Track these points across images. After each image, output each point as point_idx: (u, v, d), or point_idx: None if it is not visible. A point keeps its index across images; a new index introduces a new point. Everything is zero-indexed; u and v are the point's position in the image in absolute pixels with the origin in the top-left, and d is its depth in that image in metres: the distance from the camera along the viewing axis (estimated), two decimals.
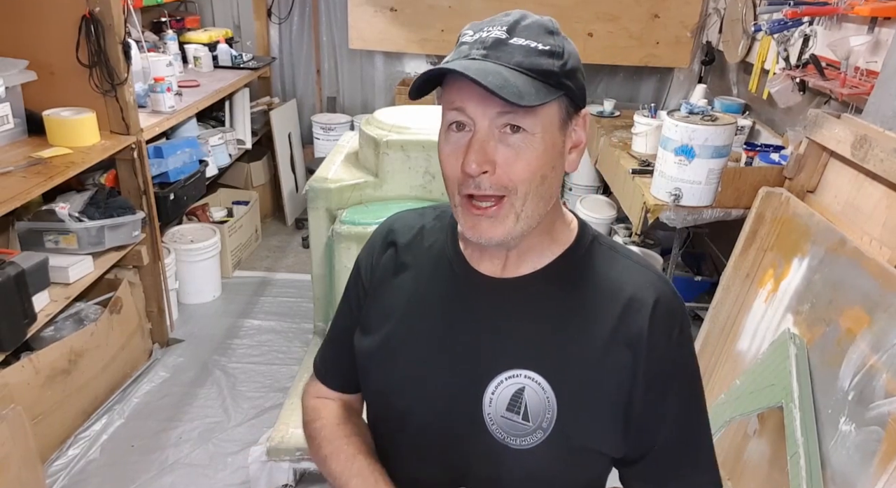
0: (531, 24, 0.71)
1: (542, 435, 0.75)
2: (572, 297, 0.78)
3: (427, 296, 0.84)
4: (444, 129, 0.73)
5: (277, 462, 2.00)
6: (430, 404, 0.81)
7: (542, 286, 0.79)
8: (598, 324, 0.76)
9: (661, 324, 0.76)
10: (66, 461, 2.15)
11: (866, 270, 1.67)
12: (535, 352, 0.77)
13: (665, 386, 0.77)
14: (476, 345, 0.79)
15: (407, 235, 0.90)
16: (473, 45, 0.71)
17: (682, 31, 3.69)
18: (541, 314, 0.78)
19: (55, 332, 2.25)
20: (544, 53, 0.70)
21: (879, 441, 1.47)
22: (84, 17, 2.22)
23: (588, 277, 0.79)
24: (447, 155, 0.73)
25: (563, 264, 0.80)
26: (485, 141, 0.69)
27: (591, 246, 0.81)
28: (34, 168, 2.04)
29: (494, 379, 0.77)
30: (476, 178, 0.70)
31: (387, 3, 3.72)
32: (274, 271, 3.50)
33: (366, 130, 2.35)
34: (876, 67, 2.00)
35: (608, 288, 0.78)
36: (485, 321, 0.79)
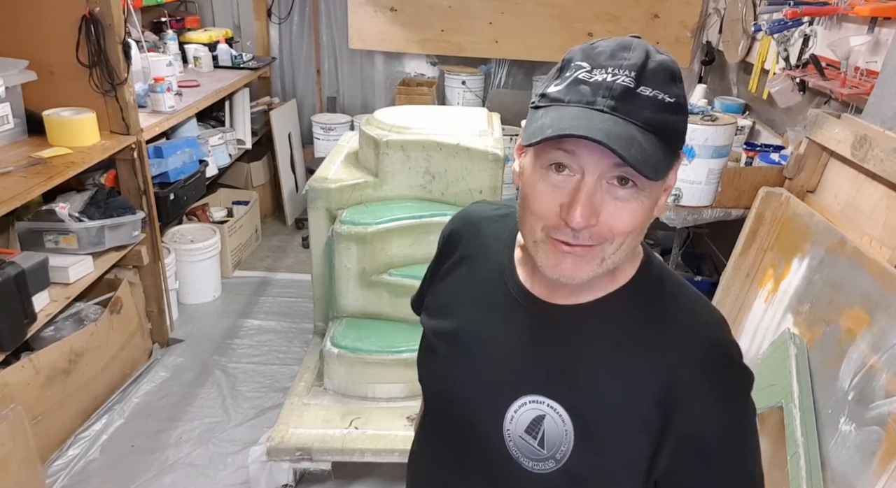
0: (658, 70, 0.65)
1: (555, 465, 0.74)
2: (615, 338, 0.74)
3: (474, 300, 0.84)
4: (540, 164, 0.67)
5: (277, 462, 2.00)
6: (462, 403, 0.82)
7: (587, 319, 0.75)
8: (635, 374, 0.72)
9: (704, 390, 0.71)
10: (66, 461, 2.15)
11: (866, 270, 1.67)
12: (563, 383, 0.75)
13: (703, 460, 0.72)
14: (508, 361, 0.78)
15: (471, 230, 0.89)
16: (597, 90, 0.64)
17: (682, 31, 3.69)
18: (577, 347, 0.75)
19: (55, 332, 2.24)
20: (670, 108, 0.65)
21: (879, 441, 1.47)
22: (84, 17, 2.22)
23: (638, 322, 0.74)
24: (541, 193, 0.67)
25: (614, 301, 0.75)
26: (593, 193, 0.65)
27: (651, 286, 0.76)
28: (34, 168, 2.04)
29: (519, 399, 0.75)
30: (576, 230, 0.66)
31: (387, 3, 3.72)
32: (274, 271, 3.50)
33: (366, 130, 2.35)
34: (876, 67, 2.00)
35: (656, 338, 0.73)
36: (521, 339, 0.78)
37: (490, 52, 3.87)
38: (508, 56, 3.90)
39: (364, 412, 2.11)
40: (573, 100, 0.65)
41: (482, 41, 3.79)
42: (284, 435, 2.00)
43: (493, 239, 0.86)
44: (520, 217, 0.72)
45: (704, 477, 0.73)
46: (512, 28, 3.71)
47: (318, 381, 2.23)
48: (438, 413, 0.89)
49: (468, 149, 2.23)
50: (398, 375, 2.15)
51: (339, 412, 2.11)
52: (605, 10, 3.64)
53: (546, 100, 0.68)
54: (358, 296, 2.25)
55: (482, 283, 0.83)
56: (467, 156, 2.23)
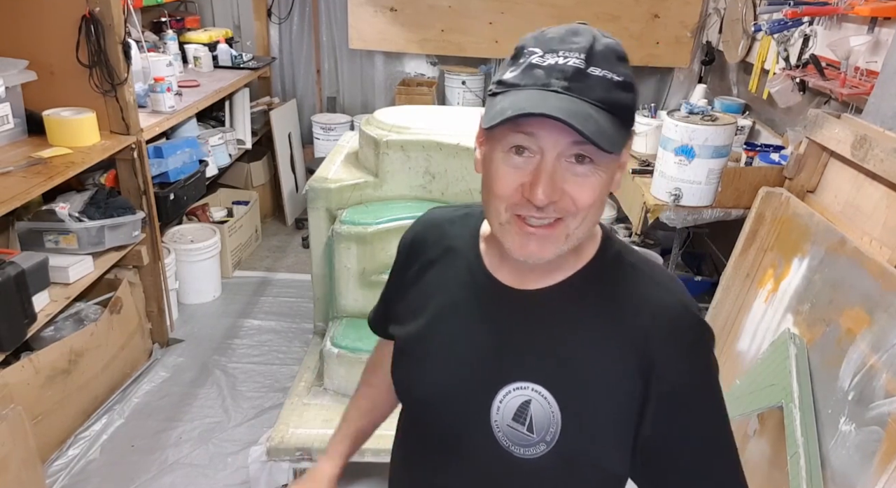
0: (606, 51, 0.69)
1: (546, 447, 0.76)
2: (587, 315, 0.77)
3: (447, 299, 0.85)
4: (501, 148, 0.70)
5: (277, 462, 2.00)
6: (444, 403, 0.83)
7: (558, 300, 0.78)
8: (611, 345, 0.75)
9: (677, 352, 0.75)
10: (66, 461, 2.15)
11: (866, 270, 1.67)
12: (544, 366, 0.77)
13: (679, 413, 0.75)
14: (488, 353, 0.79)
15: (434, 233, 0.91)
16: (551, 72, 0.67)
17: (682, 31, 3.69)
18: (553, 329, 0.78)
19: (55, 332, 2.24)
20: (620, 86, 0.68)
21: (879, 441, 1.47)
22: (84, 17, 2.22)
23: (605, 296, 0.78)
24: (503, 175, 0.70)
25: (581, 279, 0.78)
26: (553, 171, 0.68)
27: (613, 261, 0.80)
28: (34, 168, 2.05)
29: (503, 388, 0.77)
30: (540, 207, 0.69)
31: (387, 2, 3.72)
32: (274, 271, 3.50)
33: (366, 130, 2.35)
34: (876, 67, 2.00)
35: (626, 309, 0.76)
36: (499, 330, 0.80)
37: (490, 52, 3.87)
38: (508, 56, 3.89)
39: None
40: (528, 83, 0.68)
41: (482, 41, 3.79)
42: (284, 435, 2.00)
43: (458, 239, 0.87)
44: (484, 203, 0.75)
45: (684, 430, 0.76)
46: (512, 28, 3.71)
47: (318, 381, 2.23)
48: (422, 419, 0.88)
49: (468, 149, 2.22)
50: None
51: (339, 412, 2.08)
52: (604, 10, 3.64)
53: (503, 86, 0.70)
54: (358, 296, 2.25)
55: (453, 283, 0.85)
56: (467, 156, 2.23)
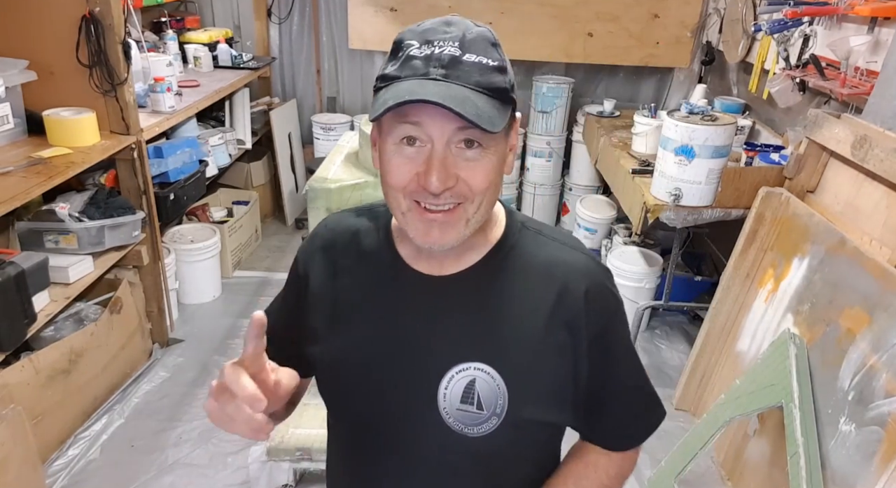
0: (477, 38, 0.72)
1: (497, 420, 0.79)
2: (508, 287, 0.81)
3: (369, 300, 0.85)
4: (392, 141, 0.72)
5: (277, 462, 2.00)
6: (387, 406, 0.83)
7: (478, 280, 0.81)
8: (536, 309, 0.80)
9: (594, 301, 0.81)
10: (66, 461, 2.15)
11: (866, 270, 1.67)
12: (480, 343, 0.79)
13: (606, 353, 0.83)
14: (424, 344, 0.81)
15: (343, 237, 0.89)
16: (429, 61, 0.70)
17: (682, 31, 3.69)
18: (480, 306, 0.81)
19: (55, 332, 2.24)
20: (495, 70, 0.72)
21: (879, 441, 1.47)
22: (84, 17, 2.22)
23: (520, 266, 0.82)
24: (397, 165, 0.73)
25: (495, 256, 0.82)
26: (444, 157, 0.70)
27: (519, 234, 0.84)
28: (34, 168, 2.04)
29: (446, 374, 0.79)
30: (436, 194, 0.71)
31: (387, 3, 3.72)
32: (274, 271, 3.50)
33: (366, 130, 2.35)
34: (876, 67, 2.00)
35: (540, 273, 0.81)
36: (429, 319, 0.81)
37: None
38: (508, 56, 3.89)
39: None
40: (408, 74, 0.71)
41: None
42: (284, 435, 2.00)
43: (370, 239, 0.87)
44: (385, 197, 0.78)
45: (613, 367, 0.85)
46: (511, 28, 3.71)
47: None
48: (366, 430, 0.86)
49: None
50: None
51: None
52: (604, 9, 3.64)
53: (385, 81, 0.73)
54: None
55: (374, 284, 0.85)
56: None
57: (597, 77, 3.98)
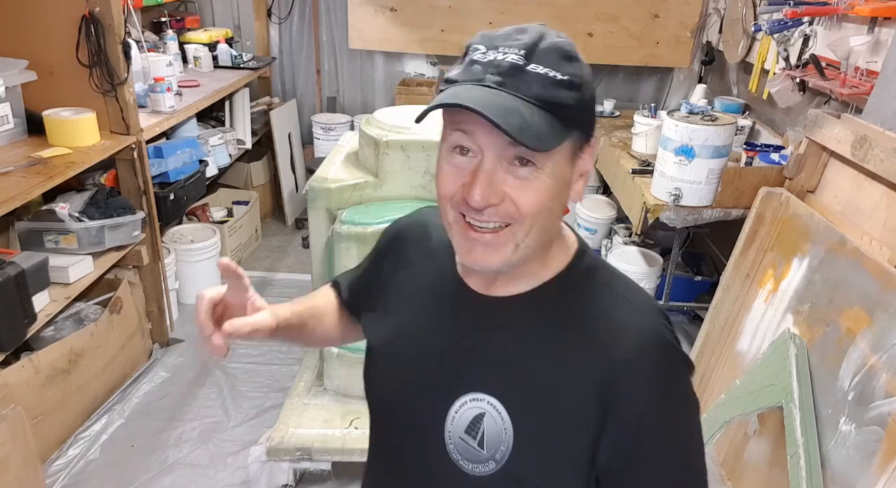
0: (549, 48, 0.66)
1: (495, 466, 0.72)
2: (552, 330, 0.73)
3: (416, 299, 0.83)
4: (445, 148, 0.69)
5: (277, 462, 2.00)
6: (402, 409, 0.82)
7: (523, 312, 0.75)
8: (573, 364, 0.71)
9: (644, 382, 0.70)
10: (66, 461, 2.15)
11: (866, 270, 1.67)
12: (502, 379, 0.73)
13: (639, 447, 0.70)
14: (450, 359, 0.77)
15: (418, 230, 0.89)
16: (487, 67, 0.65)
17: (682, 31, 3.69)
18: (516, 341, 0.74)
19: (55, 332, 2.24)
20: (563, 84, 0.65)
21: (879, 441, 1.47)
22: (84, 17, 2.22)
23: (573, 311, 0.73)
24: (447, 174, 0.69)
25: (549, 292, 0.75)
26: (492, 172, 0.66)
27: (585, 275, 0.76)
28: (34, 168, 2.04)
29: (460, 398, 0.74)
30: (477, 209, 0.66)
31: (387, 2, 3.72)
32: (274, 271, 3.50)
33: (366, 130, 2.35)
34: (876, 67, 2.00)
35: (592, 327, 0.72)
36: (462, 336, 0.77)
37: None
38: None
39: (364, 412, 2.07)
40: (466, 78, 0.67)
41: None
42: (284, 435, 2.00)
43: (439, 241, 0.84)
44: (438, 204, 0.73)
45: (643, 467, 0.71)
46: None
47: (318, 381, 2.23)
48: (385, 424, 0.87)
49: None
50: None
51: (339, 412, 2.11)
52: (604, 9, 3.64)
53: (446, 83, 0.69)
54: None
55: (424, 285, 0.83)
56: None
57: (597, 77, 3.97)
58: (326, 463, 2.04)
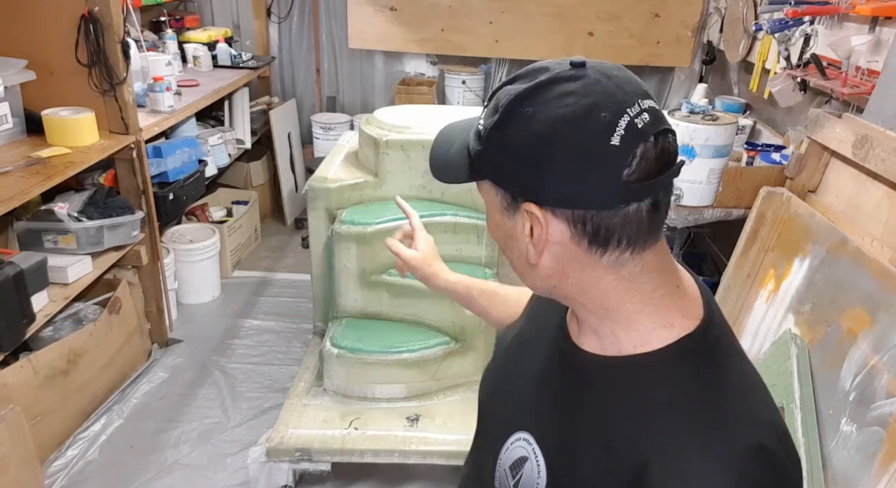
0: (504, 92, 0.62)
1: None
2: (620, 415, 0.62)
3: (537, 325, 0.81)
4: None
5: (277, 463, 2.00)
6: (486, 414, 0.82)
7: (600, 379, 0.65)
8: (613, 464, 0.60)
9: None
10: (64, 461, 2.14)
11: (868, 270, 1.66)
12: (553, 432, 0.67)
13: None
14: (524, 391, 0.75)
15: None
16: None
17: (682, 31, 3.68)
18: (582, 404, 0.66)
19: (54, 332, 2.24)
20: (476, 133, 0.64)
21: (881, 441, 1.46)
22: (83, 17, 2.21)
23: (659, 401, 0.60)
24: None
25: (633, 368, 0.63)
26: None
27: (687, 370, 0.61)
28: (33, 168, 2.04)
29: (517, 432, 0.70)
30: None
31: (387, 2, 3.71)
32: (273, 271, 3.49)
33: (365, 130, 2.35)
34: (877, 67, 1.99)
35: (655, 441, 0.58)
36: (541, 373, 0.73)
37: (490, 52, 3.86)
38: (508, 55, 3.89)
39: (364, 412, 2.10)
40: None
41: (482, 40, 3.78)
42: (284, 436, 1.99)
43: None
44: None
45: None
46: (512, 27, 3.70)
47: (318, 382, 2.22)
48: (477, 423, 0.88)
49: None
50: (398, 375, 2.14)
51: (338, 412, 2.10)
52: (605, 9, 3.63)
53: None
54: (358, 297, 2.24)
55: (546, 310, 0.79)
56: None
57: None
58: (326, 463, 2.03)
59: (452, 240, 2.22)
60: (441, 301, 2.13)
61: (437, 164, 0.69)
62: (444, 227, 2.21)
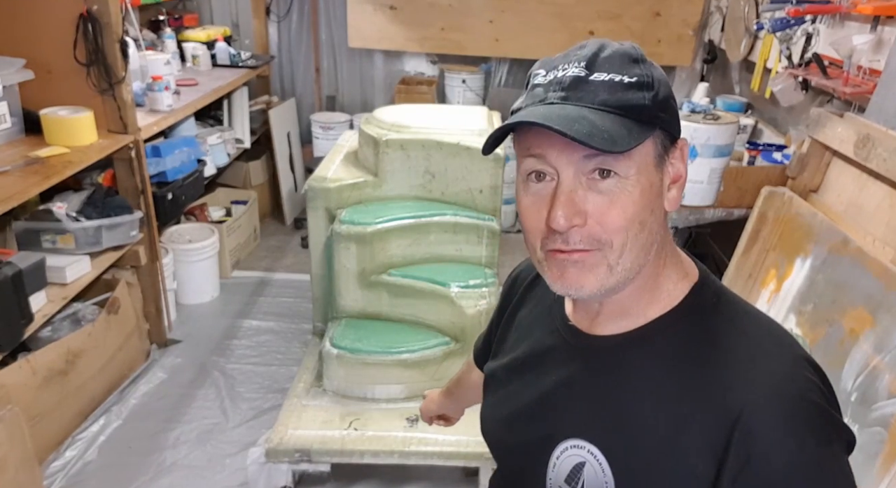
0: (612, 55, 0.63)
1: None
2: (663, 375, 0.65)
3: (530, 339, 0.81)
4: (522, 179, 0.65)
5: (276, 463, 1.99)
6: (510, 446, 0.80)
7: (629, 351, 0.67)
8: (687, 417, 0.62)
9: (744, 436, 0.59)
10: (63, 462, 2.13)
11: (869, 270, 1.65)
12: (604, 427, 0.67)
13: None
14: (553, 401, 0.73)
15: (530, 271, 0.87)
16: (549, 86, 0.63)
17: (683, 30, 3.67)
18: (620, 387, 0.67)
19: (52, 333, 2.23)
20: (632, 86, 0.61)
21: (882, 442, 1.46)
22: (81, 16, 2.21)
23: (690, 354, 0.65)
24: (527, 207, 0.64)
25: (661, 329, 0.67)
26: (572, 190, 0.61)
27: (705, 311, 0.67)
28: (31, 167, 2.03)
29: (561, 443, 0.70)
30: (564, 233, 0.62)
31: (386, 1, 3.71)
32: (273, 271, 3.48)
33: (365, 129, 2.34)
34: (879, 66, 1.99)
35: (711, 375, 0.63)
36: (564, 377, 0.72)
37: (490, 51, 3.85)
38: (509, 54, 3.88)
39: (363, 413, 2.09)
40: (528, 103, 0.65)
41: (482, 39, 3.78)
42: (283, 437, 1.99)
43: None
44: (524, 241, 0.68)
45: None
46: (512, 26, 3.70)
47: (318, 382, 2.22)
48: (499, 464, 0.85)
49: (468, 149, 2.21)
50: (398, 376, 2.14)
51: (338, 413, 2.09)
52: (605, 8, 3.63)
53: (512, 114, 0.66)
54: (357, 297, 2.24)
55: (535, 321, 0.81)
56: (467, 155, 2.22)
57: None
58: (325, 464, 2.03)
59: (452, 240, 2.22)
60: (441, 301, 2.13)
61: (594, 137, 0.58)
62: (444, 227, 2.20)
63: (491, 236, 2.23)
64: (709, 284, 0.70)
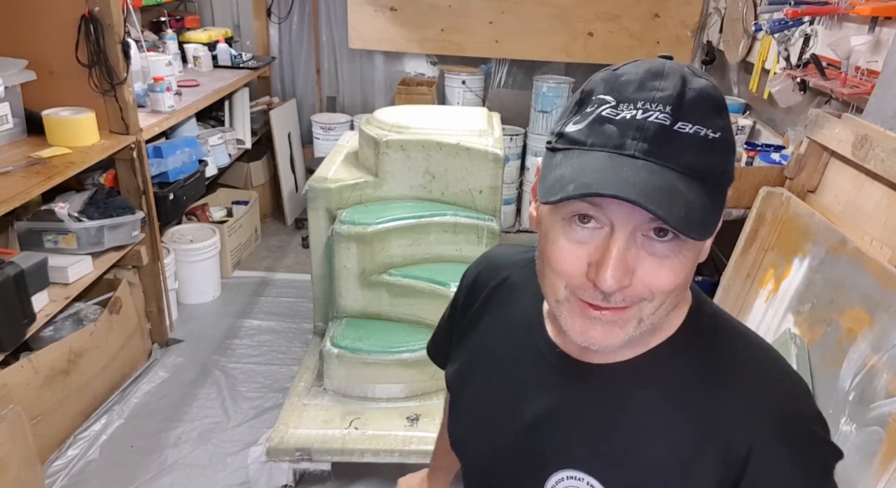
0: (697, 99, 0.54)
1: None
2: (661, 405, 0.62)
3: (499, 355, 0.75)
4: (561, 216, 0.56)
5: (277, 462, 2.00)
6: (497, 476, 0.74)
7: (627, 381, 0.64)
8: (686, 446, 0.61)
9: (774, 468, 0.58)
10: (65, 461, 2.14)
11: (867, 270, 1.66)
12: (602, 457, 0.64)
13: None
14: (543, 430, 0.68)
15: (496, 278, 0.80)
16: (626, 130, 0.53)
17: (682, 31, 3.68)
18: (618, 415, 0.64)
19: (54, 332, 2.24)
20: (716, 146, 0.54)
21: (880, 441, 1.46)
22: (83, 17, 2.21)
23: (688, 383, 0.62)
24: (562, 249, 0.57)
25: (659, 358, 0.63)
26: (626, 249, 0.54)
27: (703, 339, 0.64)
28: (33, 168, 2.04)
29: (555, 474, 0.66)
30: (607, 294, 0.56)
31: (387, 2, 3.72)
32: (273, 271, 3.49)
33: (365, 130, 2.35)
34: (877, 67, 2.00)
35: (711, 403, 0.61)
36: (555, 405, 0.68)
37: (490, 52, 3.86)
38: (508, 55, 3.89)
39: (364, 412, 2.10)
40: (597, 143, 0.54)
41: (482, 41, 3.79)
42: (284, 436, 1.99)
43: (520, 288, 0.76)
44: (539, 271, 0.62)
45: None
46: (512, 27, 3.70)
47: (318, 381, 2.23)
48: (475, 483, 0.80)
49: (468, 149, 2.22)
50: (398, 375, 2.14)
51: (338, 412, 2.10)
52: (605, 9, 3.64)
53: (564, 141, 0.57)
54: (358, 296, 2.25)
55: (509, 338, 0.74)
56: (467, 155, 2.23)
57: None
58: (326, 463, 2.04)
59: (452, 240, 2.23)
60: (441, 301, 2.13)
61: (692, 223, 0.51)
62: (445, 227, 2.21)
63: (491, 236, 2.24)
64: (704, 308, 0.67)
